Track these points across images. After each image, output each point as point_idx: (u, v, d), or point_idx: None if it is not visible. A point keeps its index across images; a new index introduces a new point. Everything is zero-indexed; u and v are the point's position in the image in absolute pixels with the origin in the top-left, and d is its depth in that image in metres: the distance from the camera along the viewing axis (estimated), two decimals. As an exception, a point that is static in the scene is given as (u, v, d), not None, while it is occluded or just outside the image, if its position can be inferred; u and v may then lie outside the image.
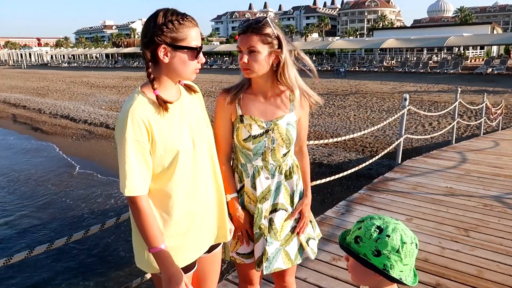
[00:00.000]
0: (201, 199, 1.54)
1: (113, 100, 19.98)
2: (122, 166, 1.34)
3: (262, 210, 1.76)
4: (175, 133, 1.44)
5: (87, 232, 2.04)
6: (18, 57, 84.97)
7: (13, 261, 1.79)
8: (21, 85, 29.72)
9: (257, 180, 1.74)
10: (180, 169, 1.44)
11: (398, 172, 5.50)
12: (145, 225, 1.39)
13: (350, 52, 47.04)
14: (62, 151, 11.32)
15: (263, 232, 1.76)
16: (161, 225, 1.46)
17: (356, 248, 1.18)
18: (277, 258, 1.78)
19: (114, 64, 57.30)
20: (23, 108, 18.52)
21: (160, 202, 1.46)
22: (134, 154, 1.34)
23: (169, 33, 1.36)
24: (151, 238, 1.39)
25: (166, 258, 1.41)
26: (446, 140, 9.81)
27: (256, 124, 1.71)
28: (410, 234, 1.16)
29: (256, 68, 1.64)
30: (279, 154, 1.74)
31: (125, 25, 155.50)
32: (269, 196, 1.76)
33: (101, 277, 4.88)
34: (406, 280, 1.15)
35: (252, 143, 1.71)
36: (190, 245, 1.53)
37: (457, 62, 30.05)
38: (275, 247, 1.77)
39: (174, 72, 1.43)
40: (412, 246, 1.14)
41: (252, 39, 1.60)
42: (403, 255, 1.12)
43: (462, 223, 3.77)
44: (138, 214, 1.39)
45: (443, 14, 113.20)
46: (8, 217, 6.86)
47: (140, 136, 1.35)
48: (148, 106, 1.39)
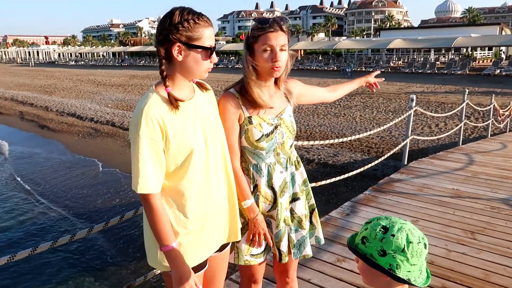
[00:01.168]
0: (214, 198, 1.55)
1: (120, 98, 20.07)
2: (135, 164, 1.35)
3: (283, 203, 1.80)
4: (189, 132, 1.44)
5: (90, 230, 2.04)
6: (26, 55, 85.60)
7: (17, 258, 1.80)
8: (29, 83, 29.94)
9: (273, 176, 1.78)
10: (193, 167, 1.45)
11: (404, 173, 5.46)
12: (157, 223, 1.40)
13: (356, 52, 46.86)
14: (69, 148, 11.37)
15: (287, 223, 1.82)
16: (175, 224, 1.46)
17: (363, 249, 1.17)
18: (304, 245, 1.86)
19: (121, 62, 57.56)
20: (31, 106, 18.65)
21: (174, 200, 1.47)
22: (148, 152, 1.35)
23: (184, 31, 1.37)
24: (163, 236, 1.40)
25: (177, 257, 1.42)
26: (452, 142, 9.73)
27: (266, 123, 1.74)
28: (417, 234, 1.14)
29: (284, 66, 1.69)
30: (287, 147, 1.81)
31: (132, 23, 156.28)
32: (287, 188, 1.81)
33: (104, 275, 4.89)
34: (416, 281, 1.13)
35: (266, 142, 1.74)
36: (203, 244, 1.54)
37: (465, 63, 29.83)
38: (301, 235, 1.85)
39: (187, 70, 1.44)
40: (420, 246, 1.13)
41: (284, 38, 1.64)
42: (409, 254, 1.11)
43: (469, 226, 3.73)
44: (150, 212, 1.40)
45: (451, 15, 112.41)
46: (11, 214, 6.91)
47: (154, 134, 1.35)
48: (162, 105, 1.40)
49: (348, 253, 3.19)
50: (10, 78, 35.11)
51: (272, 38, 1.61)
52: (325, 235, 3.47)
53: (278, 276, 2.01)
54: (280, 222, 1.78)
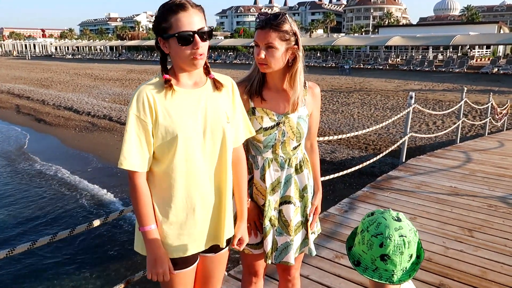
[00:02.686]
0: (203, 192, 1.50)
1: (117, 92, 19.98)
2: (123, 140, 1.39)
3: (272, 201, 1.78)
4: (181, 119, 1.42)
5: (89, 225, 2.03)
6: (22, 48, 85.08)
7: (16, 252, 1.78)
8: (25, 76, 29.75)
9: (267, 172, 1.76)
10: (181, 155, 1.42)
11: (402, 170, 5.47)
12: (138, 203, 1.41)
13: (355, 49, 46.81)
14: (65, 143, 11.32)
15: (273, 223, 1.79)
16: (157, 209, 1.46)
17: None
18: (287, 252, 1.81)
19: (118, 56, 57.28)
20: (27, 99, 18.54)
21: (160, 186, 1.46)
22: (134, 130, 1.38)
23: (160, 24, 1.38)
24: (141, 216, 1.42)
25: (153, 239, 1.43)
26: (450, 139, 9.77)
27: (268, 117, 1.73)
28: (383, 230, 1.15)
29: (272, 64, 1.65)
30: (289, 147, 1.77)
31: (130, 17, 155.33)
32: (279, 188, 1.78)
33: (103, 270, 4.89)
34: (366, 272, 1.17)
35: (263, 135, 1.73)
36: (188, 237, 1.50)
37: (463, 61, 29.84)
38: (285, 240, 1.81)
39: (177, 61, 1.44)
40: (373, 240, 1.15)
41: (270, 35, 1.61)
42: (360, 239, 1.20)
43: (466, 223, 3.74)
44: (132, 191, 1.42)
45: (449, 13, 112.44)
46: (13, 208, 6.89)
47: (143, 114, 1.38)
48: (159, 88, 1.42)
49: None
50: (6, 71, 34.87)
51: (258, 35, 1.64)
52: (324, 232, 3.50)
53: (281, 273, 2.00)
54: (266, 219, 1.77)
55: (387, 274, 1.16)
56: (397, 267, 1.15)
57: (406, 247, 1.14)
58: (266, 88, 1.76)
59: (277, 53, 1.63)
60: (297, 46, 1.66)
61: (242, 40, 49.74)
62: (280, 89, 1.75)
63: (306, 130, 1.79)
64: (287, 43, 1.64)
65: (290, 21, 1.64)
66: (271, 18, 1.61)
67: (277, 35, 1.61)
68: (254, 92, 1.74)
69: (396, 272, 1.15)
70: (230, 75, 1.64)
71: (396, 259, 1.14)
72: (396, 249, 1.13)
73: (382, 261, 1.15)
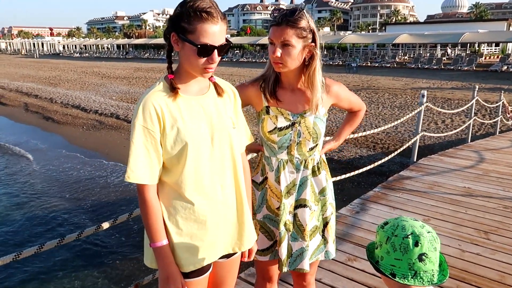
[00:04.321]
0: (216, 202, 1.43)
1: (124, 91, 20.00)
2: (129, 152, 1.32)
3: (287, 205, 1.70)
4: (189, 126, 1.36)
5: (98, 228, 1.98)
6: (30, 46, 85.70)
7: (22, 256, 1.74)
8: (33, 74, 29.92)
9: (282, 174, 1.69)
10: (190, 164, 1.36)
11: (414, 170, 5.37)
12: (148, 217, 1.36)
13: (362, 47, 46.51)
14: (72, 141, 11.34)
15: (288, 227, 1.72)
16: (167, 221, 1.39)
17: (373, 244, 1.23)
18: (302, 258, 1.73)
19: (125, 55, 57.49)
20: (35, 97, 18.62)
21: (169, 196, 1.40)
22: (142, 141, 1.31)
23: (180, 22, 1.29)
24: (153, 232, 1.36)
25: (165, 255, 1.37)
26: (459, 138, 9.62)
27: (283, 116, 1.66)
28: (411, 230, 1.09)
29: (289, 62, 1.57)
30: (305, 148, 1.69)
31: (137, 16, 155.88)
32: (294, 191, 1.71)
33: (111, 272, 4.85)
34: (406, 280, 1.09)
35: (278, 136, 1.66)
36: (200, 248, 1.43)
37: (472, 59, 29.49)
38: (300, 245, 1.73)
39: (184, 63, 1.37)
40: (406, 241, 1.08)
41: (286, 32, 1.52)
42: (390, 247, 1.10)
43: (482, 225, 3.65)
44: (141, 204, 1.36)
45: (457, 10, 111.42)
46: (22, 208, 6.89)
47: (150, 124, 1.31)
48: (165, 94, 1.35)
49: (359, 252, 3.13)
50: (15, 70, 35.12)
51: (273, 32, 1.55)
52: (336, 233, 3.41)
53: (295, 279, 1.93)
54: (281, 224, 1.70)
55: (428, 276, 1.10)
56: (434, 265, 1.10)
57: (437, 242, 1.11)
58: (280, 87, 1.68)
59: (294, 51, 1.54)
60: (315, 43, 1.58)
61: (249, 38, 49.67)
62: (295, 88, 1.68)
63: (323, 130, 1.71)
64: (304, 41, 1.55)
65: (308, 17, 1.54)
66: (288, 14, 1.52)
67: (294, 32, 1.52)
68: (268, 91, 1.66)
69: (435, 271, 1.10)
70: (237, 73, 1.59)
71: (432, 256, 1.09)
72: (430, 245, 1.09)
73: (421, 262, 1.09)
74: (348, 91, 1.84)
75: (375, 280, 2.74)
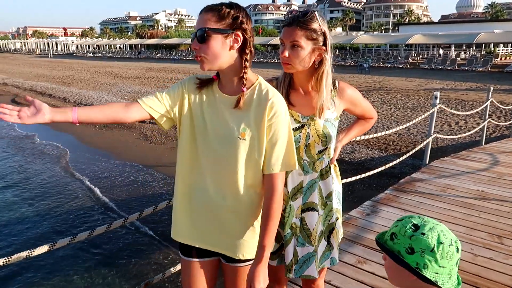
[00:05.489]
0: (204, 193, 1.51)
1: (136, 90, 20.18)
2: None
3: (294, 207, 1.69)
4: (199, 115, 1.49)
5: (110, 226, 2.00)
6: (45, 46, 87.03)
7: (35, 253, 1.77)
8: (47, 74, 30.38)
9: (289, 175, 1.67)
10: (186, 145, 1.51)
11: (426, 172, 5.31)
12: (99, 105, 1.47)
13: (374, 47, 46.15)
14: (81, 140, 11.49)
15: (294, 231, 1.70)
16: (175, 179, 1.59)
17: (391, 245, 1.14)
18: (308, 264, 1.71)
19: (138, 55, 57.99)
20: (49, 97, 18.90)
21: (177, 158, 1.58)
22: (170, 88, 1.53)
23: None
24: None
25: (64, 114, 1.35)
26: (473, 140, 9.48)
27: (293, 118, 1.65)
28: (450, 236, 1.10)
29: (296, 63, 1.57)
30: (314, 151, 1.67)
31: (149, 16, 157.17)
32: (300, 194, 1.69)
33: (121, 270, 4.88)
34: (444, 285, 1.08)
35: None
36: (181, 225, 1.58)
37: (487, 59, 29.04)
38: (307, 251, 1.70)
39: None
40: (451, 248, 1.07)
41: (296, 33, 1.53)
42: (439, 255, 1.07)
43: (495, 230, 3.59)
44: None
45: (472, 10, 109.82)
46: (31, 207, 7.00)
47: (179, 84, 1.53)
48: (202, 81, 1.52)
49: (369, 254, 3.11)
50: (30, 69, 35.70)
51: (284, 32, 1.57)
52: (346, 236, 3.40)
53: (304, 282, 1.91)
54: (286, 226, 1.68)
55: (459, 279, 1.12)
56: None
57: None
58: (293, 88, 1.68)
59: (302, 52, 1.54)
60: (325, 47, 1.57)
61: (260, 39, 49.62)
62: (306, 91, 1.67)
63: (333, 134, 1.69)
64: (314, 43, 1.55)
65: (320, 20, 1.54)
66: (299, 15, 1.54)
67: (303, 33, 1.52)
68: (280, 91, 1.65)
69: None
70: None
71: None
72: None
73: (456, 266, 1.10)
74: (362, 97, 1.83)
75: (385, 283, 2.71)
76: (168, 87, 1.54)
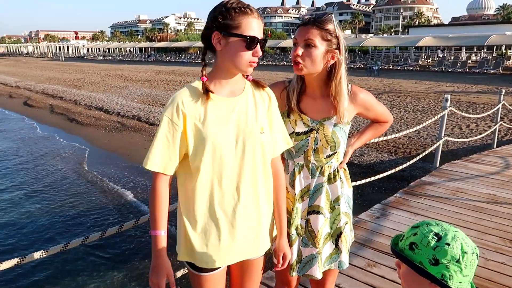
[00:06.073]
0: (233, 203, 1.43)
1: (146, 93, 20.34)
2: (153, 141, 1.40)
3: (300, 209, 1.70)
4: (213, 127, 1.38)
5: (121, 228, 2.03)
6: (56, 49, 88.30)
7: (49, 253, 1.80)
8: (59, 77, 30.79)
9: (297, 178, 1.69)
10: (207, 162, 1.38)
11: (436, 176, 5.26)
12: (154, 205, 1.40)
13: (384, 50, 45.92)
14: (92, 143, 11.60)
15: (299, 232, 1.71)
16: (184, 214, 1.44)
17: (411, 255, 1.10)
18: (311, 264, 1.71)
19: (147, 58, 58.47)
20: (60, 99, 19.15)
21: (187, 191, 1.43)
22: (165, 133, 1.37)
23: (223, 20, 1.35)
24: (154, 220, 1.40)
25: (159, 245, 1.39)
26: (484, 144, 9.37)
27: (302, 122, 1.66)
28: (470, 244, 1.07)
29: (309, 64, 1.56)
30: (322, 155, 1.67)
31: (159, 19, 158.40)
32: (307, 197, 1.70)
33: (131, 270, 4.93)
34: None
35: (295, 140, 1.67)
36: (215, 248, 1.44)
37: (498, 62, 28.69)
38: (310, 252, 1.71)
39: (228, 61, 1.40)
40: (473, 256, 1.05)
41: (311, 31, 1.53)
42: (464, 265, 1.04)
43: (507, 234, 3.54)
44: (151, 191, 1.41)
45: (483, 12, 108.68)
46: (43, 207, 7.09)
47: (175, 118, 1.37)
48: (194, 94, 1.41)
49: (379, 258, 3.09)
50: (41, 72, 36.22)
51: (298, 31, 1.57)
52: (355, 239, 3.38)
53: (313, 286, 1.92)
54: (292, 227, 1.69)
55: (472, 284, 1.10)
56: None
57: None
58: (304, 92, 1.68)
59: (316, 52, 1.53)
60: (339, 50, 1.56)
61: (269, 42, 49.60)
62: (317, 96, 1.67)
63: (343, 139, 1.68)
64: (328, 44, 1.54)
65: (335, 23, 1.55)
66: (316, 15, 1.55)
67: (318, 33, 1.52)
68: (291, 95, 1.67)
69: None
70: (256, 76, 1.57)
71: None
72: None
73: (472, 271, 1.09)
74: (376, 101, 1.78)
75: (395, 286, 2.70)
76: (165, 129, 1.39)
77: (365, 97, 1.72)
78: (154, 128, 12.44)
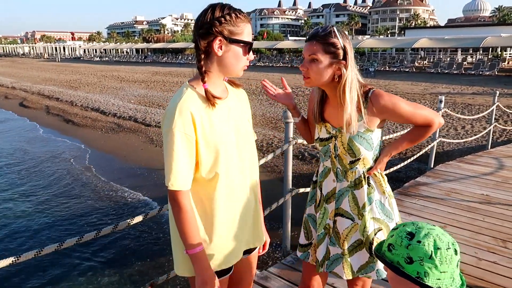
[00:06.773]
0: (242, 202, 1.52)
1: (142, 94, 20.33)
2: (169, 159, 1.32)
3: (328, 210, 1.77)
4: (219, 132, 1.41)
5: (115, 227, 2.04)
6: (53, 50, 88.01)
7: (43, 252, 1.80)
8: (55, 78, 30.70)
9: (325, 180, 1.77)
10: (222, 167, 1.41)
11: (431, 176, 5.30)
12: (184, 224, 1.35)
13: (380, 51, 46.08)
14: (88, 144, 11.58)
15: (328, 231, 1.78)
16: (203, 224, 1.43)
17: (390, 257, 1.12)
18: (337, 264, 1.76)
19: (144, 59, 58.35)
20: (56, 100, 19.10)
21: (202, 200, 1.43)
22: (182, 148, 1.32)
23: (226, 25, 1.35)
24: (189, 239, 1.36)
25: (202, 261, 1.39)
26: (479, 145, 9.43)
27: (325, 128, 1.74)
28: (446, 240, 1.08)
29: (313, 77, 1.62)
30: (345, 161, 1.71)
31: (156, 20, 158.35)
32: (333, 199, 1.76)
33: (127, 271, 4.92)
34: None
35: (319, 145, 1.77)
36: (229, 249, 1.49)
37: (494, 63, 28.87)
38: (336, 251, 1.77)
39: (225, 66, 1.41)
40: (449, 252, 1.06)
41: (314, 47, 1.58)
42: (438, 261, 1.05)
43: (500, 234, 3.58)
44: (178, 211, 1.35)
45: (479, 14, 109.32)
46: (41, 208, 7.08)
47: (188, 130, 1.32)
48: (197, 101, 1.38)
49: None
50: (38, 73, 36.09)
51: (304, 47, 1.63)
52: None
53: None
54: (320, 226, 1.77)
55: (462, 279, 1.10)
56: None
57: None
58: (327, 101, 1.76)
59: (320, 66, 1.58)
60: (345, 61, 1.58)
61: (266, 43, 49.78)
62: (336, 103, 1.68)
63: (363, 147, 1.65)
64: (331, 57, 1.57)
65: (339, 35, 1.56)
66: (319, 30, 1.59)
67: (321, 47, 1.57)
68: (314, 104, 1.78)
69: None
70: (253, 78, 1.64)
71: None
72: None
73: (457, 267, 1.08)
74: (404, 105, 1.63)
75: (388, 287, 2.71)
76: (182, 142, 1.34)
77: (385, 102, 1.61)
78: (150, 130, 12.43)
